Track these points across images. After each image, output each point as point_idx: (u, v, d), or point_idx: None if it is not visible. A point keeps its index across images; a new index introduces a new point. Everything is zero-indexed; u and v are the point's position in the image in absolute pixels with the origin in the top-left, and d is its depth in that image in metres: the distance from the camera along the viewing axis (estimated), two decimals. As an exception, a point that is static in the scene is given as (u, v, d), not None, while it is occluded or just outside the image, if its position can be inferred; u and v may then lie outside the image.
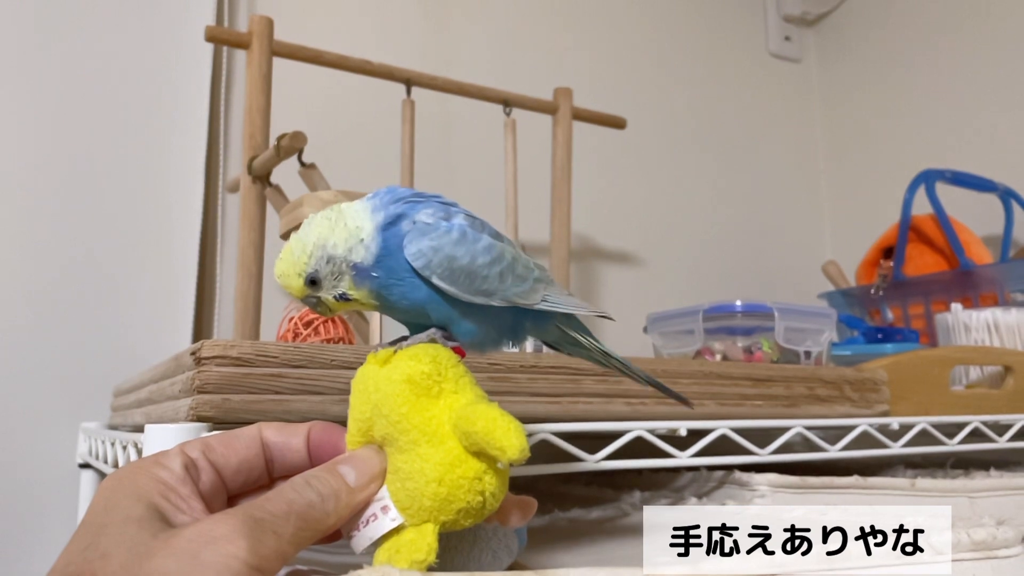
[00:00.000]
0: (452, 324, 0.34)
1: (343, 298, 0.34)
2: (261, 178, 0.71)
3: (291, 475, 0.31)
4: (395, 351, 0.32)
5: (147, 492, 0.27)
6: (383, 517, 0.30)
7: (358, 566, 0.28)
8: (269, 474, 0.33)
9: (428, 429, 0.30)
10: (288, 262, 0.33)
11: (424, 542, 0.29)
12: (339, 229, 0.33)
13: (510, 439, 0.28)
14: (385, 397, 0.31)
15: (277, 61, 0.74)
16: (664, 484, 0.65)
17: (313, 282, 0.33)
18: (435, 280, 0.33)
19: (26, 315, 0.80)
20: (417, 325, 0.35)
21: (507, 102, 0.88)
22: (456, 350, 0.33)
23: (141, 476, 0.28)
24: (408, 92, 0.82)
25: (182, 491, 0.28)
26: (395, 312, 0.35)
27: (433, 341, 0.33)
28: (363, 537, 0.30)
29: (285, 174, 0.72)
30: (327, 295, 0.34)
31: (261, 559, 0.25)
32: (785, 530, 0.33)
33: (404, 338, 0.34)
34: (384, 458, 0.31)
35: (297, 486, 0.29)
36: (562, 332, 0.40)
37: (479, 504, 0.30)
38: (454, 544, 0.33)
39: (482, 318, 0.35)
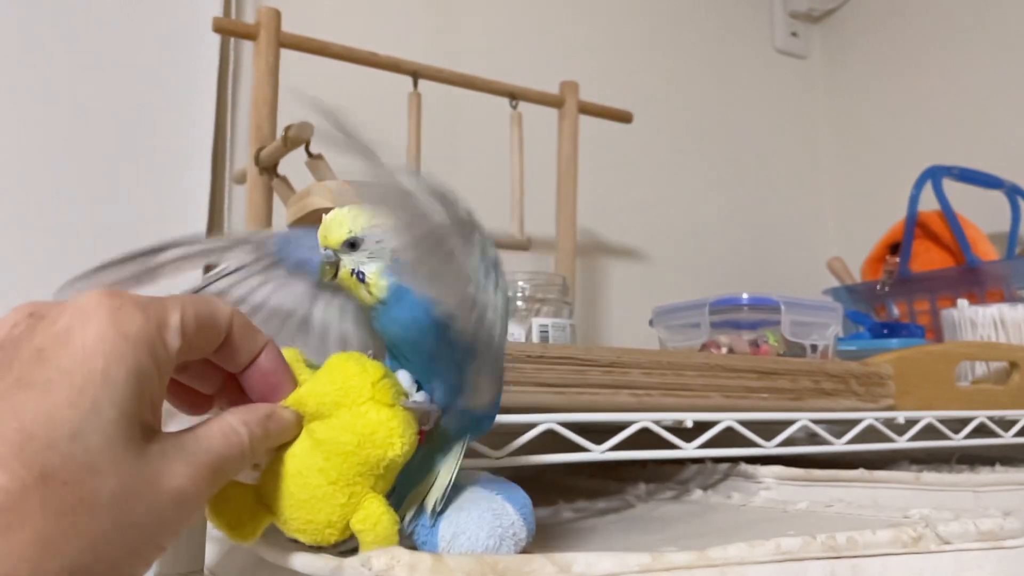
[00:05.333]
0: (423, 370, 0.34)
1: (359, 276, 0.34)
2: (268, 169, 0.71)
3: (221, 358, 0.31)
4: (397, 401, 0.32)
5: (144, 379, 0.25)
6: (250, 470, 0.31)
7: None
8: None
9: (341, 479, 0.31)
10: (351, 214, 0.33)
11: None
12: None
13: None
14: (346, 429, 0.31)
15: (284, 52, 0.74)
16: (669, 476, 0.65)
17: (352, 245, 0.33)
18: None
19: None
20: (391, 348, 0.35)
21: (513, 95, 0.88)
22: (421, 434, 0.33)
23: (144, 352, 0.25)
24: (415, 84, 0.82)
25: (165, 380, 0.27)
26: (382, 322, 0.35)
27: (428, 414, 0.33)
28: None
29: (292, 165, 0.72)
30: (350, 264, 0.34)
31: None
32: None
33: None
34: (298, 433, 0.32)
35: (252, 439, 0.29)
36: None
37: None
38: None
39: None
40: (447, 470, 0.35)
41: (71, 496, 0.23)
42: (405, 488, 0.35)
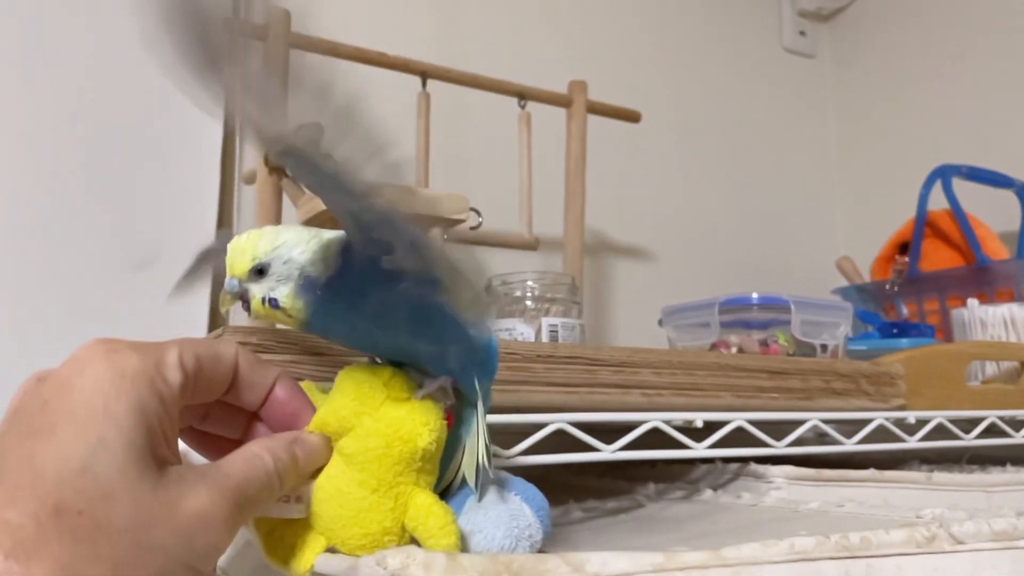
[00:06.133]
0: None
1: (273, 303, 0.32)
2: (278, 169, 0.72)
3: (235, 397, 0.31)
4: (413, 394, 0.32)
5: (148, 412, 0.26)
6: (294, 504, 0.31)
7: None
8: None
9: (383, 485, 0.31)
10: (251, 242, 0.32)
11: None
12: (312, 243, 0.33)
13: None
14: (372, 435, 0.31)
15: (294, 53, 0.74)
16: (679, 476, 0.65)
17: (260, 272, 0.32)
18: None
19: (41, 308, 0.81)
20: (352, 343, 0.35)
21: (522, 95, 0.88)
22: (448, 416, 0.33)
23: (144, 387, 0.26)
24: (424, 85, 0.83)
25: (172, 414, 0.27)
26: (325, 334, 0.34)
27: (443, 390, 0.33)
28: (270, 510, 0.32)
29: (302, 165, 0.72)
30: (259, 292, 0.32)
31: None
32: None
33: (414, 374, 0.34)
34: (329, 455, 0.32)
35: (277, 463, 0.29)
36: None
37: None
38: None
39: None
40: (482, 432, 0.34)
41: (87, 524, 0.23)
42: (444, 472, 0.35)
